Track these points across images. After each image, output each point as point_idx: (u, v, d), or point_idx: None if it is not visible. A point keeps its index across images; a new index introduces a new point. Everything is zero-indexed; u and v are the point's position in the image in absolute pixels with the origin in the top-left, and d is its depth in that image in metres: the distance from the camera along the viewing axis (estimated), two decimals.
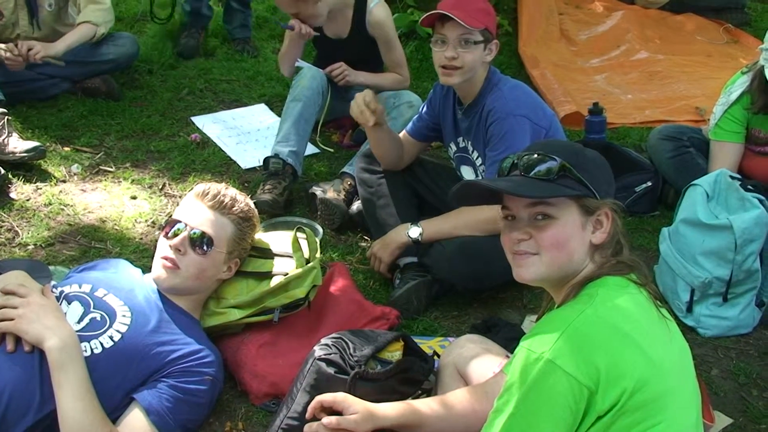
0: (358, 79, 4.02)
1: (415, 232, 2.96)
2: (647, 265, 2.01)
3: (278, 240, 2.77)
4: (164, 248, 2.50)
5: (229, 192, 2.59)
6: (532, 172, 1.79)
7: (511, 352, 1.83)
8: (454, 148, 3.19)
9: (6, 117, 3.80)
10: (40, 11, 4.39)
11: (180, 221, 2.51)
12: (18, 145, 3.75)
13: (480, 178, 3.08)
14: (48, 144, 4.00)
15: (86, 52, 4.40)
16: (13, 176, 3.70)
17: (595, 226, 1.79)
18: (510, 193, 1.80)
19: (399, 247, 3.01)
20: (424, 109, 3.26)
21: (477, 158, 3.06)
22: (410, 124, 3.32)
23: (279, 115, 4.11)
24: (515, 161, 1.85)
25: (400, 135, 3.33)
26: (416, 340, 2.54)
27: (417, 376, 2.33)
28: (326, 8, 3.89)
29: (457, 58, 2.87)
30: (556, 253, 1.77)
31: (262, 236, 2.77)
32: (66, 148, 4.04)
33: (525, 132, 2.82)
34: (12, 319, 2.21)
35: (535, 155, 1.81)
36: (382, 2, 4.04)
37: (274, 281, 2.62)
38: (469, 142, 3.07)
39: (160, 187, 3.75)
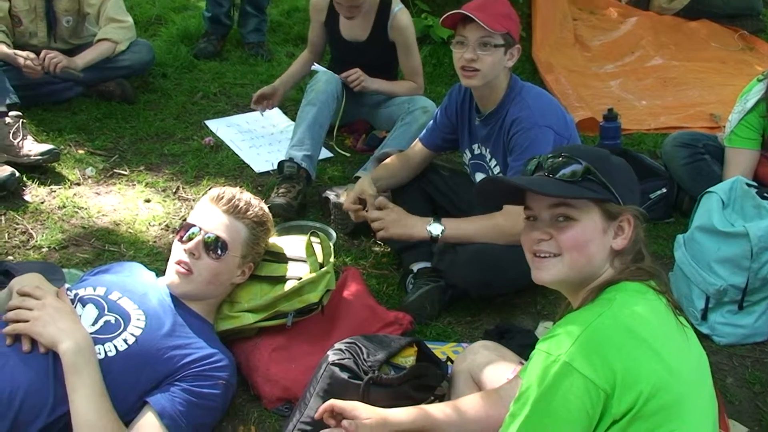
0: (373, 86, 4.03)
1: (436, 229, 2.88)
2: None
3: (292, 244, 2.77)
4: (179, 252, 2.50)
5: (244, 196, 2.59)
6: (558, 174, 1.79)
7: (525, 359, 1.83)
8: (469, 155, 3.18)
9: (21, 120, 3.82)
10: (58, 25, 4.45)
11: (194, 225, 2.51)
12: (33, 147, 3.77)
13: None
14: (62, 147, 4.01)
15: (102, 59, 4.44)
16: (28, 179, 3.72)
17: (617, 232, 1.79)
18: (534, 190, 1.79)
19: (410, 237, 2.94)
20: (438, 116, 3.24)
21: (495, 166, 3.04)
22: (424, 133, 3.30)
23: (293, 118, 4.12)
24: (540, 162, 1.85)
25: (414, 144, 3.32)
26: (429, 345, 2.52)
27: (430, 382, 2.32)
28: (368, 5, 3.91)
29: (477, 60, 2.84)
30: (576, 254, 1.77)
31: (275, 240, 2.77)
32: (80, 151, 4.06)
33: (549, 143, 2.80)
34: (27, 321, 2.22)
35: (560, 158, 1.81)
36: (405, 8, 4.05)
37: (288, 285, 2.61)
38: (488, 150, 3.05)
39: (174, 190, 3.76)
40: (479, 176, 3.17)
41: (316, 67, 4.09)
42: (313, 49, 4.31)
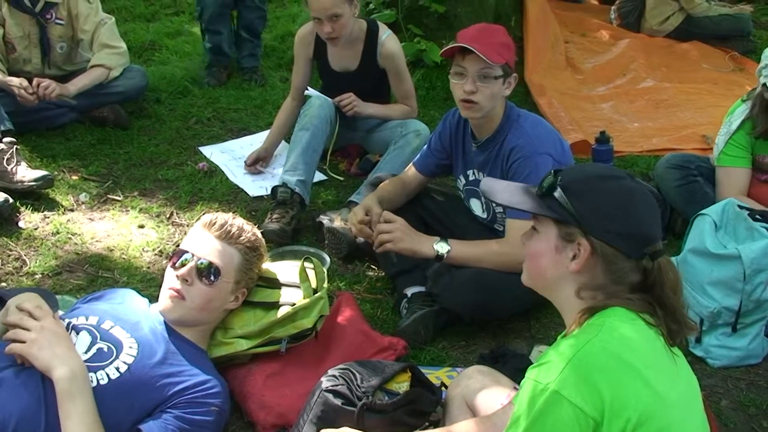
0: (366, 110, 4.04)
1: (442, 248, 2.87)
2: None
3: (285, 270, 2.77)
4: (171, 279, 2.50)
5: (237, 222, 2.59)
6: (540, 188, 1.88)
7: (520, 383, 1.83)
8: (463, 180, 3.18)
9: (15, 146, 3.82)
10: (52, 52, 4.48)
11: (187, 251, 2.51)
12: (26, 173, 3.77)
13: (489, 211, 3.11)
14: (56, 173, 4.02)
15: (96, 85, 4.47)
16: (22, 205, 3.72)
17: (575, 254, 1.78)
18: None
19: (416, 253, 2.90)
20: (432, 141, 3.25)
21: None
22: (419, 158, 3.31)
23: (287, 143, 4.13)
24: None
25: (408, 169, 3.32)
26: (424, 370, 2.53)
27: (425, 408, 2.31)
28: (350, 29, 3.90)
29: (476, 92, 2.84)
30: (530, 264, 1.88)
31: (269, 266, 2.76)
32: (74, 177, 4.06)
33: (548, 169, 2.79)
34: (24, 342, 2.21)
35: (551, 174, 1.87)
36: (393, 34, 4.06)
37: (282, 311, 2.61)
38: (484, 176, 3.04)
39: (168, 216, 3.76)
40: (474, 202, 3.17)
41: (309, 91, 4.10)
42: (296, 95, 4.23)
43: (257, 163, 4.22)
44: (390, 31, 4.08)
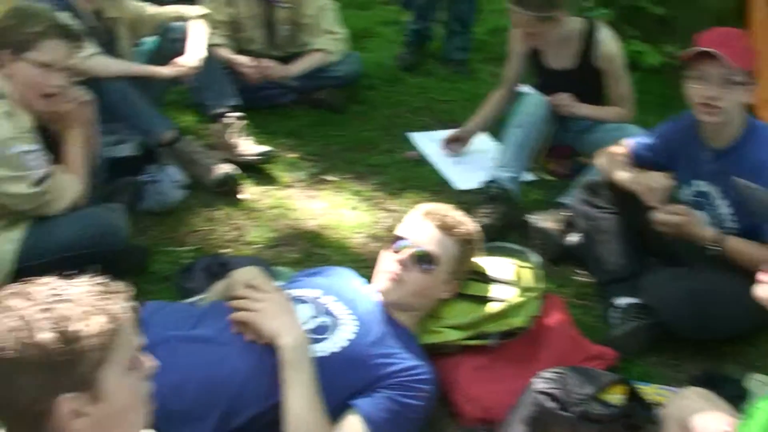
0: (581, 111, 3.97)
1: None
2: None
3: (497, 266, 2.78)
4: (389, 262, 2.56)
5: (455, 213, 2.64)
6: None
7: (735, 411, 1.75)
8: (688, 190, 3.06)
9: (243, 121, 4.04)
10: (276, 34, 4.69)
11: (406, 238, 2.57)
12: (250, 148, 3.99)
13: (717, 228, 2.95)
14: (276, 149, 4.19)
15: (316, 68, 4.65)
16: (243, 177, 3.91)
17: None
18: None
19: (687, 233, 2.87)
20: (658, 138, 3.15)
21: (728, 206, 2.91)
22: (637, 144, 3.21)
23: (496, 138, 4.13)
24: None
25: (621, 145, 3.27)
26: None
27: (639, 423, 2.26)
28: (547, 38, 3.87)
29: (719, 98, 2.75)
30: None
31: (480, 261, 2.78)
32: (292, 155, 4.24)
33: None
34: (253, 311, 2.34)
35: None
36: (612, 34, 3.96)
37: (494, 306, 2.62)
38: (717, 189, 2.93)
39: (379, 200, 3.86)
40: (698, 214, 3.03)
41: (524, 88, 4.08)
42: (506, 87, 4.21)
43: (455, 142, 4.26)
44: (609, 30, 3.98)
